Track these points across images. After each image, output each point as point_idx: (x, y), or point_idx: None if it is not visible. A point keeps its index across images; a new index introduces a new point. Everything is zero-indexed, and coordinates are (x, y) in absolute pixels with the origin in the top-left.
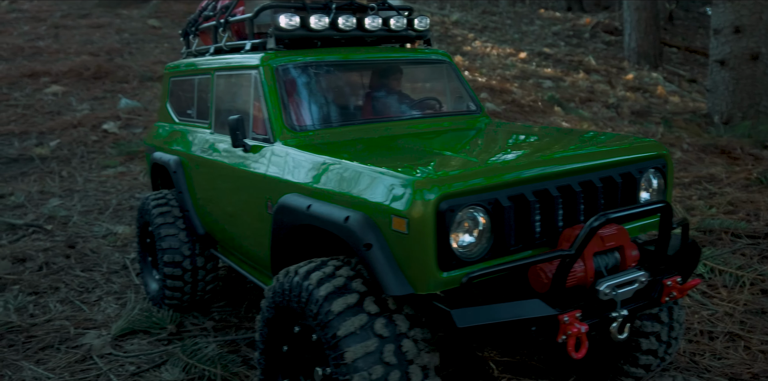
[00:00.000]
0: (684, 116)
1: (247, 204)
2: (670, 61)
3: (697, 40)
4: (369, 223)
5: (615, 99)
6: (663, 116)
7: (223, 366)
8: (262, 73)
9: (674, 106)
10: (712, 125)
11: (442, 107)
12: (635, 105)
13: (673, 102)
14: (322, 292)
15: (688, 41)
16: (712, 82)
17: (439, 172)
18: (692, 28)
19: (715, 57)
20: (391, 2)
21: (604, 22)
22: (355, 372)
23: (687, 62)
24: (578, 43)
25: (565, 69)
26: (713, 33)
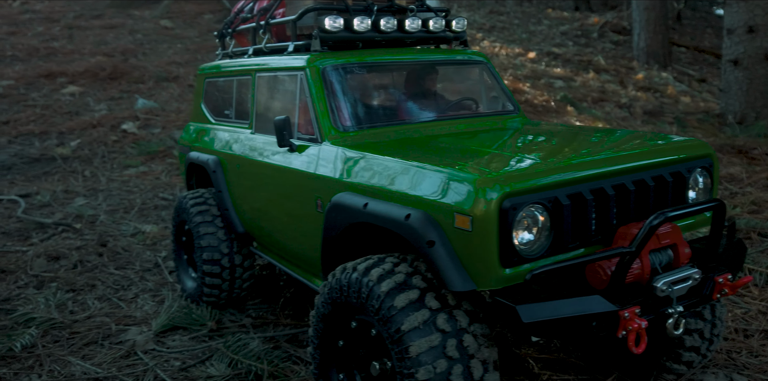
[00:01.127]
0: (697, 116)
1: (294, 202)
2: (679, 60)
3: (706, 39)
4: (430, 221)
5: (627, 99)
6: (676, 116)
7: (269, 362)
8: (308, 75)
9: (685, 106)
10: (725, 125)
11: (479, 107)
12: (647, 105)
13: (684, 102)
14: (384, 288)
15: (696, 41)
16: (726, 81)
17: (501, 171)
18: (700, 27)
19: (728, 57)
20: (428, 4)
21: (612, 22)
22: (419, 365)
23: (696, 62)
24: (586, 43)
25: (574, 69)
26: (726, 33)
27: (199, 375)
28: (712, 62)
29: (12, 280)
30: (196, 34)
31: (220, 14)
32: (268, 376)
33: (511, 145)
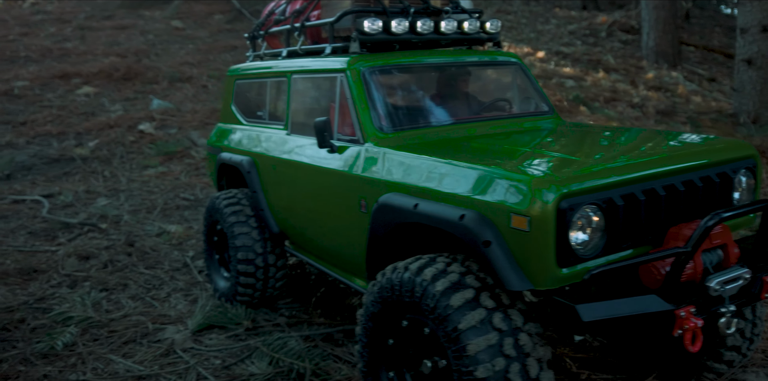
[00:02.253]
0: (710, 116)
1: (335, 203)
2: (688, 60)
3: (715, 38)
4: (485, 221)
5: (639, 98)
6: (689, 116)
7: (310, 360)
8: (349, 77)
9: (697, 106)
10: (740, 125)
11: (513, 108)
12: (660, 104)
13: (695, 101)
14: (439, 288)
15: (705, 40)
16: (739, 81)
17: (557, 172)
18: (708, 26)
19: (741, 56)
20: (462, 5)
21: (620, 21)
22: (478, 363)
23: (705, 61)
24: (595, 42)
25: (584, 68)
26: (740, 32)
27: (241, 373)
28: (721, 61)
29: (44, 279)
30: (207, 35)
31: (230, 15)
32: (311, 374)
33: (555, 146)
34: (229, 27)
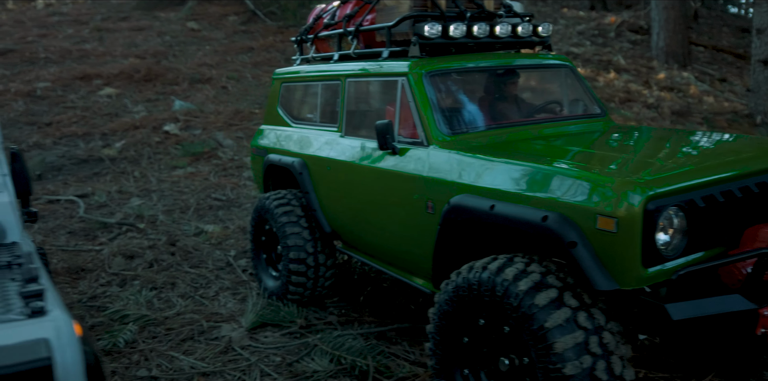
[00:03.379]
0: (725, 116)
1: (398, 203)
2: (698, 60)
3: (723, 38)
4: (568, 222)
5: (654, 99)
6: (704, 116)
7: (373, 357)
8: (411, 80)
9: (710, 106)
10: (757, 126)
11: (566, 110)
12: (674, 105)
13: (708, 102)
14: (522, 287)
15: (714, 40)
16: (755, 81)
17: (641, 174)
18: (716, 26)
19: (757, 57)
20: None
21: (629, 21)
22: (566, 361)
23: (715, 61)
24: (604, 43)
25: (595, 69)
26: (756, 32)
27: (304, 370)
28: (730, 61)
29: (93, 278)
30: (223, 36)
31: (244, 16)
32: (374, 372)
33: (625, 148)
34: (244, 28)
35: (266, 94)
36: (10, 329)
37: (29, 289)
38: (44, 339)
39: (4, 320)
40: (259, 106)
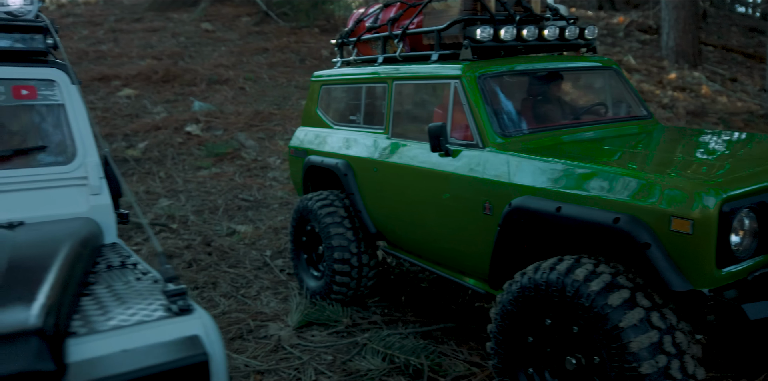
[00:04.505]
0: (741, 116)
1: (452, 205)
2: (708, 60)
3: (732, 38)
4: (640, 224)
5: (668, 99)
6: (720, 116)
7: (426, 356)
8: (464, 83)
9: (724, 106)
10: None
11: (614, 112)
12: (689, 105)
13: (721, 102)
14: (594, 288)
15: (723, 40)
16: None
17: (714, 176)
18: (725, 26)
19: None
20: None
21: (637, 21)
22: (642, 360)
23: (724, 61)
24: (613, 43)
25: None
26: None
27: (357, 368)
28: (740, 61)
29: None
30: (237, 37)
31: (257, 17)
32: (429, 370)
33: (686, 150)
34: (257, 29)
35: (284, 95)
36: (162, 327)
37: (172, 288)
38: (195, 336)
39: (156, 318)
40: (277, 107)
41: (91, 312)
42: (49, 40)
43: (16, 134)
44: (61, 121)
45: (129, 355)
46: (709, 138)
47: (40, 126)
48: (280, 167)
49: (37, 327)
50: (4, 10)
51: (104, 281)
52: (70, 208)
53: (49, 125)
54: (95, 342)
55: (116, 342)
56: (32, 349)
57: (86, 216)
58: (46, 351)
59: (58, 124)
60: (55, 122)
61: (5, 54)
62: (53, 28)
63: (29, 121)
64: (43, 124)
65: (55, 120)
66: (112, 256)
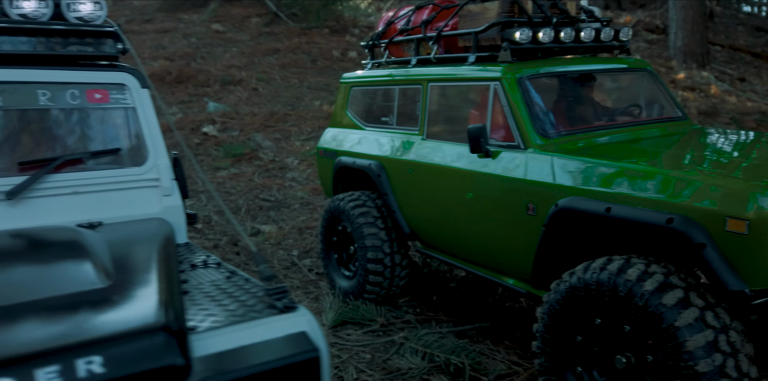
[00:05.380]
0: (753, 116)
1: (492, 205)
2: (715, 59)
3: (740, 38)
4: (694, 224)
5: (679, 98)
6: (732, 117)
7: (466, 355)
8: (505, 84)
9: (734, 106)
10: None
11: (649, 113)
12: (701, 105)
13: (730, 101)
14: (648, 288)
15: (731, 39)
16: None
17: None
18: (731, 25)
19: None
20: (596, 15)
21: (644, 21)
22: (699, 359)
23: (732, 60)
24: None
25: None
26: None
27: (398, 367)
28: (748, 61)
29: None
30: (248, 38)
31: (266, 17)
32: (470, 370)
33: (733, 151)
34: (267, 30)
35: (297, 95)
36: (272, 324)
37: (274, 287)
38: (303, 332)
39: (265, 315)
40: (291, 107)
41: (197, 309)
42: (119, 45)
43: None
44: (132, 123)
45: (248, 350)
46: (746, 138)
47: (113, 129)
48: (298, 168)
49: (164, 323)
50: (76, 16)
51: (194, 280)
52: (143, 209)
53: (121, 128)
54: (214, 338)
55: (233, 338)
56: (163, 345)
57: (159, 217)
58: (175, 346)
59: (130, 126)
60: (126, 125)
61: (79, 58)
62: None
63: (102, 124)
64: (115, 126)
65: (127, 123)
66: (192, 256)
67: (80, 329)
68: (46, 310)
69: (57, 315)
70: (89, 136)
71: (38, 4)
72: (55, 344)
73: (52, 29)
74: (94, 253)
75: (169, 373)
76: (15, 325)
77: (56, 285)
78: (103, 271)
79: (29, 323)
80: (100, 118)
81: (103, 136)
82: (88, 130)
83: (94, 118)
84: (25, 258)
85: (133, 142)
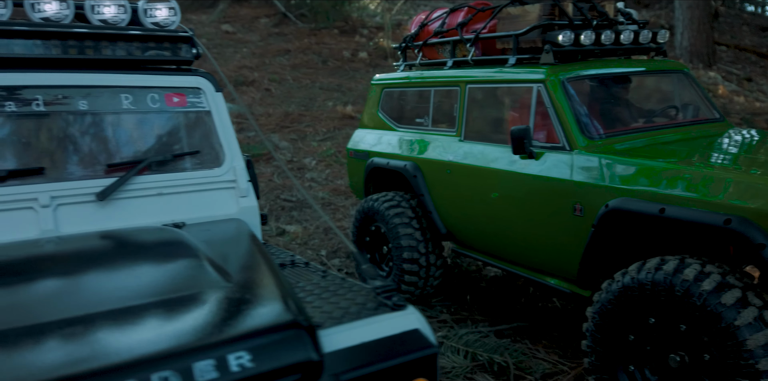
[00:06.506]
0: (764, 117)
1: (537, 206)
2: (721, 59)
3: (745, 37)
4: (752, 225)
5: None
6: (742, 117)
7: (510, 354)
8: (549, 86)
9: (743, 106)
10: None
11: (687, 115)
12: None
13: (738, 102)
14: (706, 287)
15: (736, 39)
16: None
17: None
18: (736, 25)
19: None
20: (633, 17)
21: (649, 21)
22: (759, 357)
23: (738, 60)
24: None
25: None
26: None
27: (442, 365)
28: (754, 61)
29: None
30: (258, 39)
31: (275, 18)
32: (515, 369)
33: None
34: (277, 31)
35: (309, 96)
36: (388, 321)
37: (383, 285)
38: (416, 329)
39: (380, 312)
40: (305, 108)
41: (311, 307)
42: (194, 50)
43: (169, 140)
44: (208, 127)
45: (371, 346)
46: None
47: (191, 132)
48: (317, 168)
49: (295, 319)
50: (152, 21)
51: (292, 279)
52: (221, 209)
53: (198, 131)
54: (339, 334)
55: (355, 334)
56: (300, 340)
57: (236, 217)
58: (310, 342)
59: (206, 129)
60: (203, 128)
61: (156, 63)
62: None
63: (181, 127)
64: (193, 129)
65: (204, 126)
66: (278, 256)
67: (224, 326)
68: (183, 307)
69: (196, 312)
70: (169, 139)
71: (118, 9)
72: (207, 340)
73: (132, 35)
74: (205, 253)
75: (306, 367)
76: (160, 321)
77: (184, 284)
78: (220, 271)
79: (173, 320)
80: (178, 122)
81: (181, 138)
82: (167, 133)
83: (173, 121)
84: (140, 257)
85: (210, 144)
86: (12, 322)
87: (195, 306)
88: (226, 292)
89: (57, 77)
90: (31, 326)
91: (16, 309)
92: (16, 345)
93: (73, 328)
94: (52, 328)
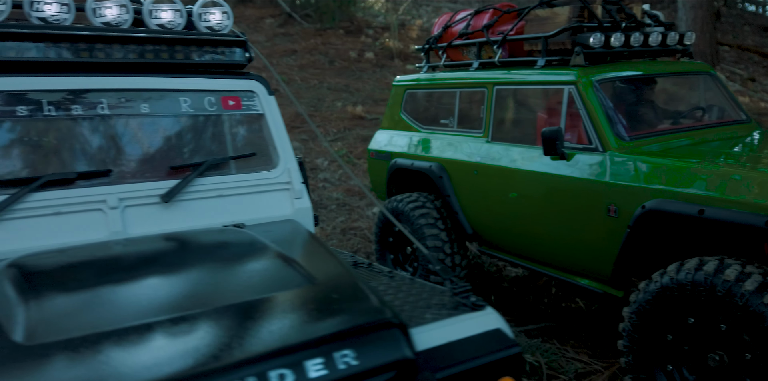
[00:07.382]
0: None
1: (569, 207)
2: (724, 59)
3: (748, 38)
4: None
5: None
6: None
7: (541, 354)
8: (580, 88)
9: (747, 107)
10: None
11: (715, 116)
12: None
13: (743, 102)
14: (748, 287)
15: (739, 39)
16: None
17: None
18: (738, 25)
19: None
20: (660, 19)
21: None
22: None
23: (741, 60)
24: None
25: None
26: None
27: None
28: (757, 61)
29: None
30: (264, 39)
31: (280, 18)
32: (547, 368)
33: None
34: (282, 31)
35: (318, 96)
36: (471, 320)
37: (460, 286)
38: (498, 329)
39: (462, 312)
40: (314, 108)
41: None
42: (247, 54)
43: (226, 142)
44: (263, 129)
45: (459, 345)
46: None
47: (246, 134)
48: (329, 169)
49: (389, 318)
50: (206, 26)
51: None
52: (277, 211)
53: (253, 133)
54: (427, 333)
55: (443, 333)
56: (397, 338)
57: (291, 218)
58: (404, 340)
59: (261, 132)
60: (258, 131)
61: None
62: None
63: (236, 129)
64: (248, 132)
65: (258, 128)
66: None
67: (325, 325)
68: (281, 306)
69: (294, 312)
70: (225, 142)
71: (174, 14)
72: (314, 338)
73: (190, 39)
74: (282, 254)
75: (403, 365)
76: (264, 320)
77: (273, 283)
78: (302, 270)
79: (275, 319)
80: (233, 124)
81: (237, 141)
82: (223, 135)
83: (229, 124)
84: (224, 257)
85: (265, 146)
86: (121, 322)
87: (291, 305)
88: (316, 292)
89: (120, 81)
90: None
91: (123, 309)
92: (136, 344)
93: (179, 326)
94: (162, 327)
